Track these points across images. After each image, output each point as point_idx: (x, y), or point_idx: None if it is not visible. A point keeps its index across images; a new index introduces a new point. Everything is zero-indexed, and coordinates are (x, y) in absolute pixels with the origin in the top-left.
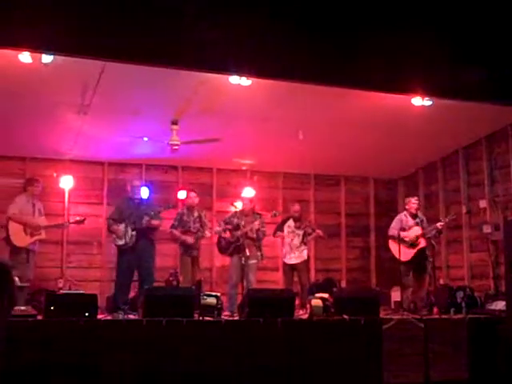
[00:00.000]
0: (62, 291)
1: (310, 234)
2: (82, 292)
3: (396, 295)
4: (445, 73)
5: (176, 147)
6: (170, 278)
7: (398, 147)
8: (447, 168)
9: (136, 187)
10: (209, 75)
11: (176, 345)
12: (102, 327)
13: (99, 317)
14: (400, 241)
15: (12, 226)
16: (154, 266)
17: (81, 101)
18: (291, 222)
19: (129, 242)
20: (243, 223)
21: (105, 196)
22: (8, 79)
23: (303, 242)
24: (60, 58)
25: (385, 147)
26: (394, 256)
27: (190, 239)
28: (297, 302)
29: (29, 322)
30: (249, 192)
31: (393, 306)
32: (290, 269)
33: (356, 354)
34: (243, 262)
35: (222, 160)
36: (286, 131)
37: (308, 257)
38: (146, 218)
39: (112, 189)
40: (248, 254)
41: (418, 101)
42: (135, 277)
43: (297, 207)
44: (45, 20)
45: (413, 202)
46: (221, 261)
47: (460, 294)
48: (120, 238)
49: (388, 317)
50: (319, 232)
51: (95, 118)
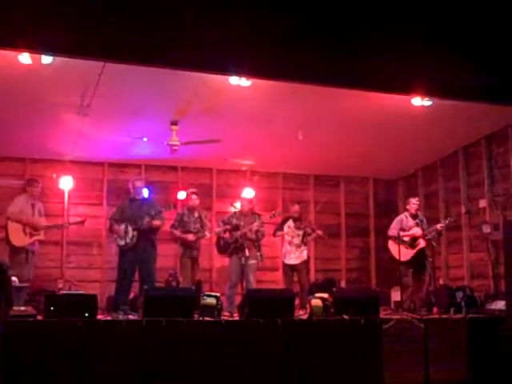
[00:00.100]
0: (61, 292)
1: (309, 235)
2: (81, 292)
3: (396, 295)
4: (445, 73)
5: (176, 148)
6: (170, 279)
7: (397, 147)
8: (447, 168)
9: (138, 188)
10: (208, 76)
11: (176, 345)
12: (101, 327)
13: (99, 317)
14: (400, 241)
15: (11, 225)
16: (155, 266)
17: (80, 101)
18: (291, 223)
19: (129, 242)
20: (242, 224)
21: (104, 197)
22: (8, 80)
23: (303, 242)
24: (60, 59)
25: (384, 147)
26: (393, 256)
27: (190, 236)
28: (296, 302)
29: (28, 322)
30: (248, 192)
31: (393, 306)
32: (289, 269)
33: (356, 354)
34: (243, 262)
35: (222, 160)
36: (285, 132)
37: (308, 257)
38: (147, 219)
39: (112, 189)
40: (248, 254)
41: (418, 101)
42: (136, 277)
43: (296, 208)
44: (44, 20)
45: (413, 203)
46: (220, 261)
47: (460, 294)
48: (121, 238)
49: (388, 317)
50: (319, 232)
51: (95, 118)
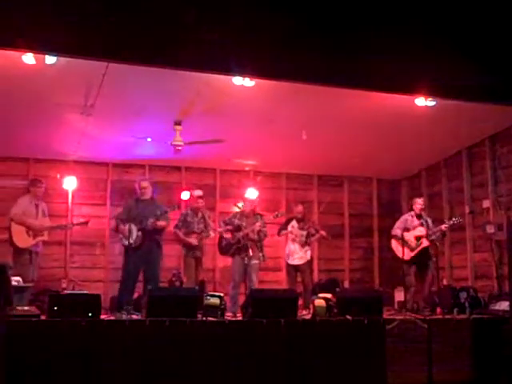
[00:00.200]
0: (65, 291)
1: (313, 235)
2: (85, 292)
3: (399, 295)
4: (448, 73)
5: (179, 148)
6: (173, 279)
7: (401, 147)
8: (450, 168)
9: (144, 188)
10: (211, 76)
11: (179, 345)
12: (105, 327)
13: (102, 317)
14: (403, 242)
15: (14, 227)
16: (159, 267)
17: (84, 102)
18: (294, 223)
19: (133, 243)
20: (244, 224)
21: (108, 197)
22: (11, 80)
23: (306, 242)
24: (63, 59)
25: (388, 147)
26: (396, 255)
27: (193, 241)
28: (300, 303)
29: (32, 322)
30: (252, 193)
31: (396, 307)
32: (293, 269)
33: (359, 354)
34: (246, 262)
35: (225, 161)
36: (289, 132)
37: (311, 257)
38: (151, 220)
39: (115, 190)
40: (251, 253)
41: (421, 101)
42: (141, 278)
43: (300, 208)
44: (44, 20)
45: (418, 203)
46: (223, 261)
47: (463, 295)
48: (125, 238)
49: (391, 317)
50: (323, 233)
51: (99, 118)
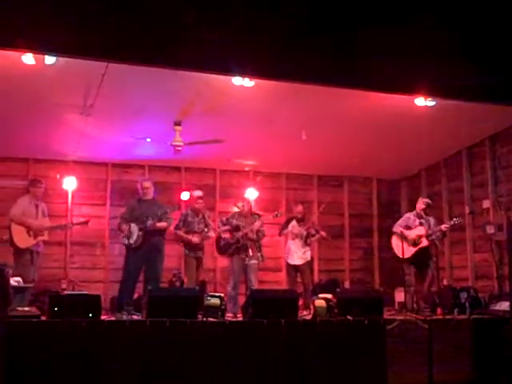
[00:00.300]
0: (65, 292)
1: (313, 236)
2: (85, 293)
3: (400, 296)
4: (448, 73)
5: (179, 148)
6: (173, 279)
7: (400, 148)
8: (450, 168)
9: (146, 188)
10: (211, 76)
11: (179, 346)
12: (105, 328)
13: (103, 318)
14: (403, 238)
15: (14, 227)
16: (161, 267)
17: (84, 102)
18: (294, 223)
19: (133, 243)
20: (242, 224)
21: (108, 197)
22: (11, 80)
23: (306, 243)
24: (63, 60)
25: (388, 148)
26: (396, 255)
27: (195, 239)
28: (300, 303)
29: (32, 322)
30: (252, 193)
31: (396, 307)
32: (293, 269)
33: (360, 354)
34: (246, 262)
35: (225, 161)
36: (288, 132)
37: (311, 257)
38: (150, 222)
39: (115, 190)
40: (251, 254)
41: (421, 101)
42: (141, 278)
43: (300, 208)
44: (44, 20)
45: (419, 202)
46: (224, 261)
47: (464, 295)
48: (126, 237)
49: (392, 317)
50: (323, 233)
51: (98, 119)
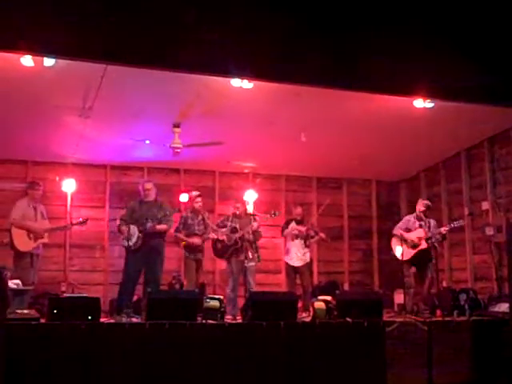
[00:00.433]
0: (65, 295)
1: (312, 237)
2: (84, 295)
3: (399, 297)
4: (445, 74)
5: (178, 150)
6: (173, 282)
7: (399, 149)
8: (449, 170)
9: (148, 190)
10: (210, 78)
11: (179, 348)
12: (104, 331)
13: (102, 320)
14: (403, 241)
15: (15, 231)
16: (161, 269)
17: (83, 104)
18: (294, 225)
19: (132, 245)
20: (238, 226)
21: (107, 199)
22: (10, 82)
23: (306, 244)
24: (62, 62)
25: (387, 149)
26: (395, 257)
27: (196, 240)
28: (299, 305)
29: (32, 325)
30: (251, 195)
31: (396, 309)
32: (292, 271)
33: (359, 356)
34: (246, 264)
35: (224, 163)
36: (288, 134)
37: (311, 259)
38: (150, 224)
39: (114, 192)
40: (251, 255)
41: (420, 103)
42: (141, 280)
43: (299, 210)
44: (45, 21)
45: (418, 204)
46: (223, 264)
47: (463, 297)
48: (126, 239)
49: (391, 319)
50: (322, 235)
51: (97, 121)
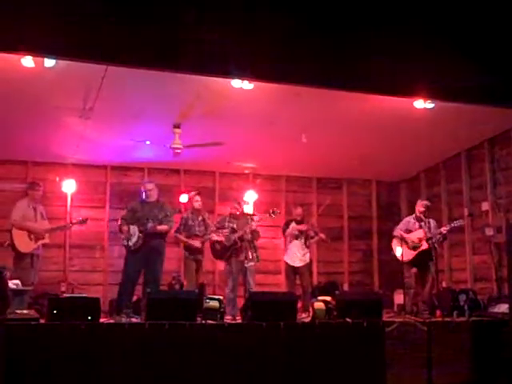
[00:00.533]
0: (64, 295)
1: (312, 238)
2: (84, 296)
3: (399, 298)
4: (445, 74)
5: (178, 151)
6: (173, 282)
7: (400, 150)
8: (449, 170)
9: (149, 190)
10: (210, 79)
11: (179, 348)
12: (104, 331)
13: (102, 320)
14: (403, 242)
15: (15, 232)
16: (161, 269)
17: (83, 105)
18: (294, 225)
19: (132, 245)
20: (236, 226)
21: (107, 199)
22: (10, 83)
23: (305, 245)
24: (62, 62)
25: (387, 150)
26: (396, 258)
27: (196, 243)
28: (299, 305)
29: (31, 325)
30: (251, 195)
31: (395, 309)
32: (292, 271)
33: (359, 357)
34: (246, 264)
35: (225, 163)
36: (288, 134)
37: (310, 260)
38: (150, 224)
39: (114, 192)
40: (251, 256)
41: (420, 103)
42: (141, 280)
43: (299, 210)
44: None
45: (418, 205)
46: (222, 265)
47: (463, 297)
48: (126, 239)
49: (391, 320)
50: (322, 236)
51: (97, 121)
